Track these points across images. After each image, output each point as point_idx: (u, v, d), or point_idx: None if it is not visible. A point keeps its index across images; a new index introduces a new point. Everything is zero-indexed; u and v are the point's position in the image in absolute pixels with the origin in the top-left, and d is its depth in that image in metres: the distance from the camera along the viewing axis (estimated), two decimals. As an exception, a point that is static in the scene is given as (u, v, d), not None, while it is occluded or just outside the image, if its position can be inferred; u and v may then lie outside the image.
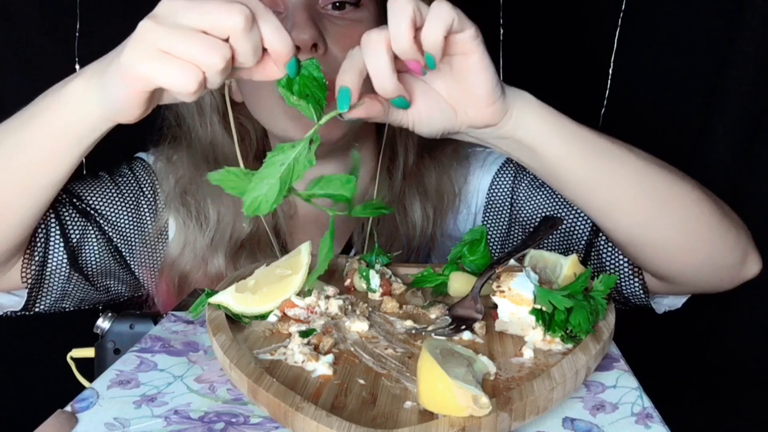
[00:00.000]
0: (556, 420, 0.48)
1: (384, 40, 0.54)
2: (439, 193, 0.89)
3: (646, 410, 0.49)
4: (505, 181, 0.88)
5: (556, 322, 0.55)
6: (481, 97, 0.59)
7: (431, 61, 0.55)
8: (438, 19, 0.54)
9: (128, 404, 0.50)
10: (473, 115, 0.60)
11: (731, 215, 0.72)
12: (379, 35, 0.55)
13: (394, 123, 0.62)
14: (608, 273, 0.78)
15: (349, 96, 0.55)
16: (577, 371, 0.49)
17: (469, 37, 0.56)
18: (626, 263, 0.78)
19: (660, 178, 0.67)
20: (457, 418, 0.43)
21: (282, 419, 0.46)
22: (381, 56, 0.55)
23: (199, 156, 0.87)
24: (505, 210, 0.88)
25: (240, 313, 0.60)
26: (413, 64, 0.56)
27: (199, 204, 0.86)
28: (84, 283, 0.82)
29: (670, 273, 0.73)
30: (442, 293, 0.68)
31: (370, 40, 0.55)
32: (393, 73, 0.55)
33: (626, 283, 0.79)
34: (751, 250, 0.73)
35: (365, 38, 0.56)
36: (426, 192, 0.89)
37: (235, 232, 0.86)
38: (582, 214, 0.80)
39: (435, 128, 0.62)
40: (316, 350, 0.54)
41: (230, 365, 0.51)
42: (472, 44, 0.57)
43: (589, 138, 0.65)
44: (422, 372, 0.46)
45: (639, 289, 0.78)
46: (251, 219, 0.86)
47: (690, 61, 1.07)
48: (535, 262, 0.62)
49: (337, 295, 0.63)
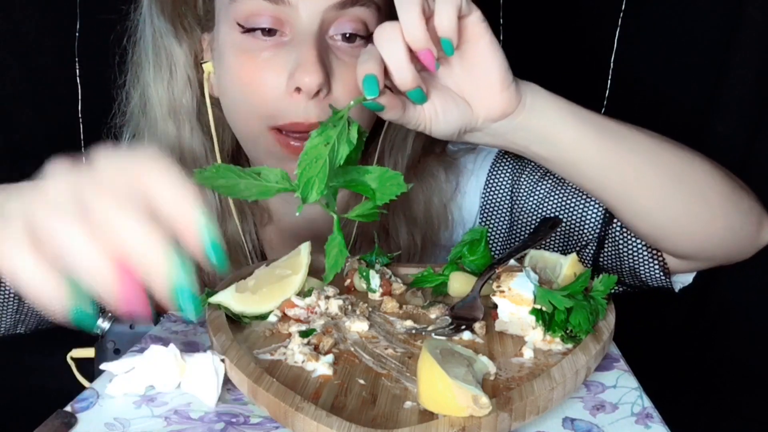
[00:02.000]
0: (556, 420, 0.48)
1: (398, 31, 0.54)
2: (428, 219, 0.86)
3: (646, 410, 0.49)
4: (502, 178, 0.86)
5: (556, 322, 0.55)
6: (495, 81, 0.58)
7: (449, 46, 0.55)
8: (448, 2, 0.54)
9: (128, 404, 0.50)
10: (489, 104, 0.60)
11: (741, 183, 0.72)
12: (392, 26, 0.54)
13: (409, 123, 0.61)
14: (626, 259, 0.77)
15: (376, 81, 0.54)
16: (577, 371, 0.49)
17: (477, 20, 0.56)
18: (644, 247, 0.76)
19: (671, 154, 0.66)
20: (457, 418, 0.43)
21: (282, 419, 0.46)
22: (397, 46, 0.54)
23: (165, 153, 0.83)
24: (504, 208, 0.87)
25: (240, 313, 0.60)
26: (426, 56, 0.55)
27: None
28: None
29: (692, 249, 0.72)
30: (442, 293, 0.68)
31: (384, 32, 0.55)
32: (410, 62, 0.55)
33: (645, 267, 0.77)
34: (765, 215, 0.73)
35: (379, 32, 0.55)
36: (415, 219, 0.85)
37: None
38: (591, 205, 0.79)
39: (452, 126, 0.61)
40: (316, 350, 0.54)
41: (230, 365, 0.51)
42: (480, 27, 0.56)
43: (599, 120, 0.64)
44: (422, 372, 0.46)
45: (659, 271, 0.76)
46: (220, 223, 0.83)
47: (690, 61, 1.07)
48: (535, 262, 0.62)
49: (337, 295, 0.63)
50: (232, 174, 0.54)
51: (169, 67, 0.79)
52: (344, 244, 0.57)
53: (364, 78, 0.54)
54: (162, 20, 0.78)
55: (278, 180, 0.57)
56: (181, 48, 0.79)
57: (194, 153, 0.81)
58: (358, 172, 0.57)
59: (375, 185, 0.57)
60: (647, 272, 0.77)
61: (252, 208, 0.86)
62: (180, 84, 0.80)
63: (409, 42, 0.54)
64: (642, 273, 0.78)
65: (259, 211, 0.87)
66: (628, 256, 0.78)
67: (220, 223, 0.83)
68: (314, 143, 0.53)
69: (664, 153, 0.66)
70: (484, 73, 0.58)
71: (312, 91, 0.69)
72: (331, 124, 0.53)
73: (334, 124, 0.53)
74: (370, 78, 0.54)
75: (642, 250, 0.77)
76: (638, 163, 0.65)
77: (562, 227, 0.82)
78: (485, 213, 0.88)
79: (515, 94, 0.59)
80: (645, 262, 0.77)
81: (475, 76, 0.59)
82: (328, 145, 0.52)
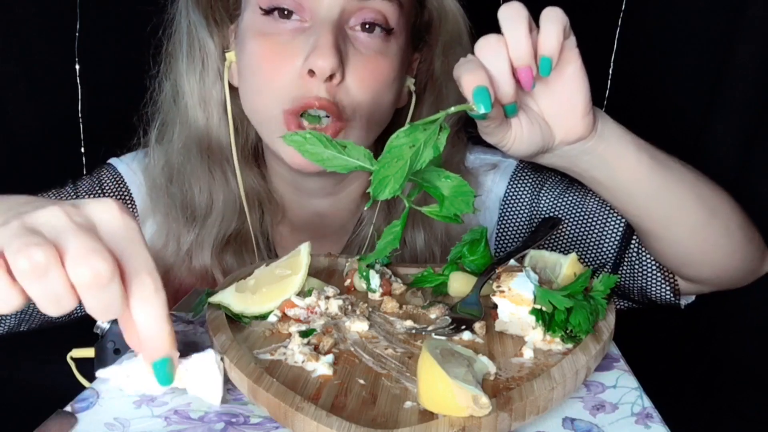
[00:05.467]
0: (556, 420, 0.48)
1: (503, 45, 0.53)
2: (448, 231, 0.85)
3: (646, 410, 0.49)
4: (522, 191, 0.87)
5: (556, 322, 0.55)
6: (579, 106, 0.59)
7: (548, 65, 0.54)
8: (556, 21, 0.53)
9: (128, 404, 0.50)
10: (569, 128, 0.60)
11: (749, 219, 0.74)
12: (497, 40, 0.54)
13: (493, 137, 0.60)
14: (639, 279, 0.79)
15: (489, 94, 0.52)
16: (577, 371, 0.49)
17: (572, 44, 0.56)
18: (658, 269, 0.78)
19: (707, 188, 0.69)
20: (457, 418, 0.43)
21: (282, 419, 0.46)
22: (502, 58, 0.53)
23: (193, 141, 0.83)
24: (523, 221, 0.87)
25: (240, 313, 0.60)
26: (526, 73, 0.54)
27: (185, 195, 0.83)
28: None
29: (709, 276, 0.74)
30: (442, 293, 0.68)
31: (489, 44, 0.54)
32: (512, 76, 0.54)
33: (656, 288, 0.79)
34: (766, 247, 0.77)
35: (483, 43, 0.54)
36: (432, 229, 0.85)
37: (223, 227, 0.83)
38: (610, 225, 0.80)
39: (533, 146, 0.60)
40: (316, 350, 0.54)
41: (230, 365, 0.51)
42: (574, 52, 0.56)
43: (653, 150, 0.65)
44: (422, 372, 0.46)
45: (669, 292, 0.78)
46: (237, 216, 0.84)
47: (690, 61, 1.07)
48: (535, 262, 0.62)
49: (337, 295, 0.63)
50: (320, 142, 0.53)
51: (202, 58, 0.81)
52: (400, 235, 0.56)
53: (476, 90, 0.52)
54: (197, 13, 0.80)
55: (360, 158, 0.55)
56: (213, 40, 0.81)
57: (221, 141, 0.83)
58: (436, 175, 0.56)
59: (447, 193, 0.56)
60: (658, 293, 0.79)
61: (267, 206, 0.87)
62: (211, 75, 0.82)
63: (513, 57, 0.53)
64: (653, 293, 0.79)
65: (274, 208, 0.88)
66: (641, 276, 0.79)
67: (237, 218, 0.84)
68: (399, 143, 0.52)
69: (703, 187, 0.68)
70: (569, 97, 0.58)
71: (325, 74, 0.70)
72: (422, 127, 0.52)
73: (425, 127, 0.52)
74: (482, 90, 0.52)
75: (656, 272, 0.78)
76: (682, 193, 0.66)
77: (579, 246, 0.82)
78: (503, 225, 0.89)
79: (593, 117, 0.60)
80: (657, 283, 0.79)
81: (560, 99, 0.59)
82: (413, 147, 0.51)
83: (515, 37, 0.53)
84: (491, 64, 0.53)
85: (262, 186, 0.86)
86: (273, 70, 0.74)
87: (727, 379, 1.11)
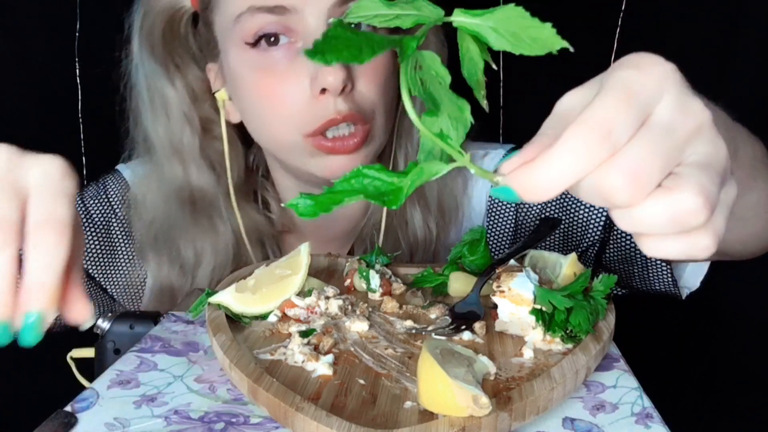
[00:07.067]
0: (556, 420, 0.48)
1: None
2: (441, 208, 0.87)
3: (646, 410, 0.49)
4: None
5: (556, 322, 0.55)
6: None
7: None
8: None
9: (128, 404, 0.50)
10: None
11: None
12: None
13: None
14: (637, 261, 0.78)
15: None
16: (577, 371, 0.49)
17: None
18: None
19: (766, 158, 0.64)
20: (457, 418, 0.43)
21: (282, 419, 0.46)
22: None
23: (173, 195, 0.81)
24: (510, 211, 0.87)
25: (240, 313, 0.60)
26: None
27: (171, 252, 0.82)
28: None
29: (756, 251, 0.69)
30: (442, 293, 0.68)
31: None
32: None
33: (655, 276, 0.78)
34: None
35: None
36: (428, 205, 0.86)
37: (216, 274, 0.82)
38: (592, 214, 0.80)
39: None
40: (316, 350, 0.54)
41: (230, 365, 0.51)
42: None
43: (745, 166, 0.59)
44: (422, 372, 0.46)
45: (665, 276, 0.77)
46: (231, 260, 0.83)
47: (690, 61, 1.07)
48: (535, 262, 0.62)
49: (337, 295, 0.63)
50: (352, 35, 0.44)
51: (164, 108, 0.80)
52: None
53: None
54: (152, 62, 0.78)
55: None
56: (174, 87, 0.79)
57: (203, 191, 0.82)
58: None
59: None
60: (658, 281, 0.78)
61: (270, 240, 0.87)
62: (178, 123, 0.80)
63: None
64: (653, 282, 0.78)
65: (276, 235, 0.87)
66: (638, 259, 0.78)
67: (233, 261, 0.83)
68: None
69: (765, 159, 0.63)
70: None
71: (338, 89, 0.69)
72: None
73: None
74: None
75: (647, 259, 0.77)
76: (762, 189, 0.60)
77: (564, 228, 0.82)
78: (491, 215, 0.89)
79: None
80: (654, 264, 0.77)
81: None
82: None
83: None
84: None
85: (259, 220, 0.85)
86: (281, 100, 0.73)
87: (727, 379, 1.11)
